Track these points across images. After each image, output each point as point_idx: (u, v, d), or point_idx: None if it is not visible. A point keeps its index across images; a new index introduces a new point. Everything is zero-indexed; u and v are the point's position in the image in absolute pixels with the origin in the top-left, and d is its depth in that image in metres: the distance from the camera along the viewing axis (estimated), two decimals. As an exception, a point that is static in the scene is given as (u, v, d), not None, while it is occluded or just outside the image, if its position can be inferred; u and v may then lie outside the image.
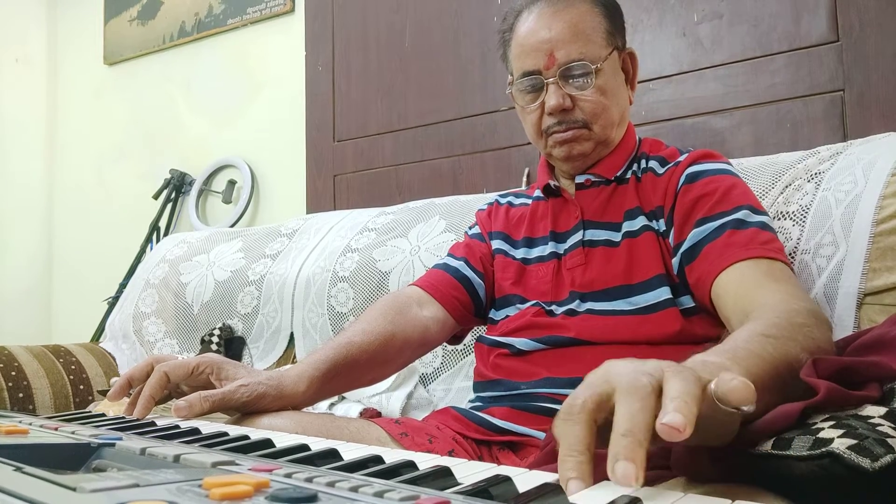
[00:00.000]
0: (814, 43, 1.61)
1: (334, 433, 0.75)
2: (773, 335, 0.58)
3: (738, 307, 0.76)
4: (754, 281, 0.77)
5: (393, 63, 2.24)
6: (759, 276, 0.78)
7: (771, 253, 0.81)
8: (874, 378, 0.51)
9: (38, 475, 0.37)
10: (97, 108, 3.11)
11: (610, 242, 0.95)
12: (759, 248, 0.81)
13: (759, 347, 0.55)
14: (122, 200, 2.98)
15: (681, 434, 0.37)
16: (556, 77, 0.92)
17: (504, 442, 0.89)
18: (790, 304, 0.69)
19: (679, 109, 1.76)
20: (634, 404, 0.40)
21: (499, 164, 2.03)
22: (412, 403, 1.31)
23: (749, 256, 0.80)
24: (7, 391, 1.36)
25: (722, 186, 0.89)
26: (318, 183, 2.38)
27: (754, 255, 0.80)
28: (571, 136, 0.94)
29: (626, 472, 0.37)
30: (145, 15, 2.93)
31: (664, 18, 1.79)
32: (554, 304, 0.96)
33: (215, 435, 0.56)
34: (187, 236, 1.91)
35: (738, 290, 0.78)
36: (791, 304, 0.69)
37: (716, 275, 0.82)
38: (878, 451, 0.40)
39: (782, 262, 0.81)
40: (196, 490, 0.34)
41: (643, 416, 0.39)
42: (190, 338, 1.68)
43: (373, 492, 0.35)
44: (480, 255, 1.08)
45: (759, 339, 0.57)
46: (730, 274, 0.80)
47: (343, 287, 1.51)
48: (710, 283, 0.82)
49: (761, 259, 0.80)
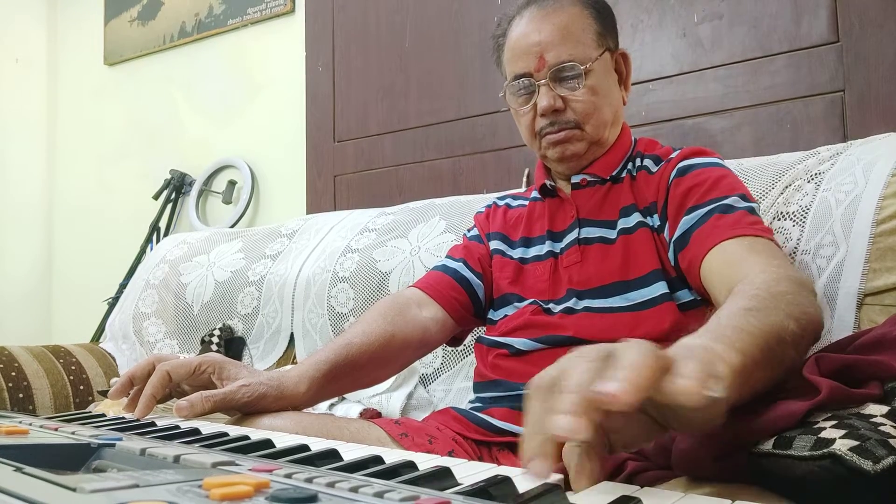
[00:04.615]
0: (814, 43, 1.61)
1: (334, 434, 0.75)
2: (756, 307, 0.58)
3: (724, 285, 0.76)
4: (738, 257, 0.78)
5: (393, 63, 2.24)
6: (741, 251, 0.78)
7: (756, 231, 0.81)
8: (876, 376, 0.51)
9: (38, 475, 0.37)
10: (97, 109, 3.11)
11: (605, 239, 0.96)
12: (746, 227, 0.81)
13: (743, 322, 0.54)
14: (122, 201, 2.98)
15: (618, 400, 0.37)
16: (546, 79, 0.93)
17: (504, 443, 0.89)
18: (769, 273, 0.69)
19: (679, 110, 1.76)
20: (581, 366, 0.41)
21: (499, 165, 2.03)
22: (412, 404, 1.31)
23: (733, 235, 0.81)
24: (7, 391, 1.36)
25: (712, 177, 0.90)
26: (319, 183, 2.38)
27: (739, 233, 0.80)
28: (564, 136, 0.95)
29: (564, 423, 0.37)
30: (145, 15, 2.93)
31: (664, 19, 1.79)
32: (551, 302, 0.96)
33: (215, 435, 0.56)
34: (187, 237, 1.91)
35: (723, 268, 0.79)
36: (770, 273, 0.69)
37: (703, 256, 0.82)
38: (881, 453, 0.40)
39: (766, 238, 0.81)
40: (196, 490, 0.34)
41: (587, 377, 0.40)
42: (190, 338, 1.68)
43: (373, 492, 0.35)
44: (479, 256, 1.08)
45: (742, 313, 0.56)
46: (715, 253, 0.81)
47: (343, 287, 1.51)
48: (698, 265, 0.83)
49: (745, 237, 0.80)
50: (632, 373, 0.38)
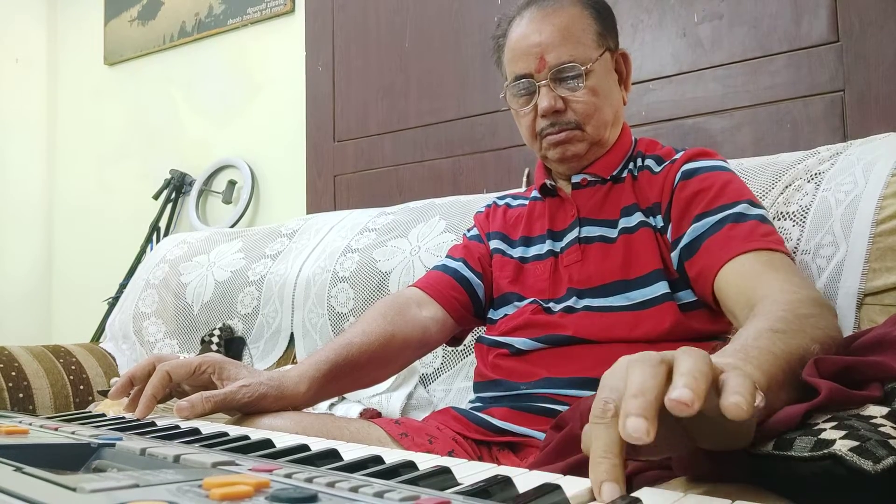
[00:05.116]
0: (814, 43, 1.61)
1: (334, 433, 0.75)
2: (782, 329, 0.58)
3: (742, 300, 0.77)
4: (756, 272, 0.78)
5: (393, 63, 2.24)
6: (760, 267, 0.78)
7: (771, 244, 0.81)
8: (876, 378, 0.51)
9: (38, 475, 0.37)
10: (97, 109, 3.11)
11: (606, 239, 0.96)
12: (760, 240, 0.81)
13: (769, 344, 0.55)
14: (122, 201, 2.98)
15: (689, 408, 0.37)
16: (547, 80, 0.93)
17: (504, 442, 0.89)
18: (793, 294, 0.69)
19: (679, 110, 1.76)
20: (646, 371, 0.40)
21: (499, 165, 2.03)
22: (412, 404, 1.31)
23: (750, 249, 0.80)
24: (7, 391, 1.36)
25: (719, 182, 0.90)
26: (319, 183, 2.38)
27: (755, 247, 0.81)
28: (565, 137, 0.95)
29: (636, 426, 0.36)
30: (145, 15, 2.93)
31: (664, 18, 1.79)
32: (552, 301, 0.96)
33: (215, 435, 0.56)
34: (187, 236, 1.91)
35: (741, 282, 0.79)
36: (794, 294, 0.69)
37: (718, 268, 0.82)
38: (881, 453, 0.40)
39: (782, 253, 0.81)
40: (196, 490, 0.34)
41: (654, 382, 0.39)
42: (190, 338, 1.68)
43: (373, 492, 0.35)
44: (479, 255, 1.08)
45: (769, 335, 0.56)
46: (732, 266, 0.81)
47: (343, 287, 1.51)
48: (712, 276, 0.83)
49: (762, 251, 0.80)
50: (693, 381, 0.38)
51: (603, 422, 0.40)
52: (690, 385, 0.38)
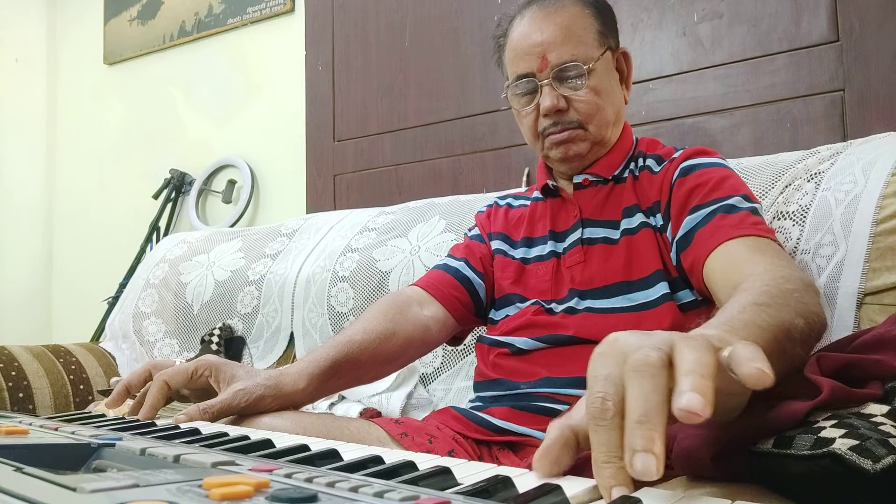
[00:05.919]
0: (814, 43, 1.61)
1: (334, 433, 0.75)
2: (766, 303, 0.58)
3: (727, 282, 0.76)
4: (742, 256, 0.78)
5: (393, 63, 2.24)
6: (746, 251, 0.78)
7: (760, 232, 0.81)
8: (876, 376, 0.51)
9: (38, 475, 0.37)
10: (97, 108, 3.11)
11: (608, 240, 0.96)
12: (749, 227, 0.81)
13: (754, 316, 0.54)
14: (122, 200, 2.98)
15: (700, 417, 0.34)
16: (549, 79, 0.93)
17: (504, 442, 0.89)
18: (777, 271, 0.69)
19: (679, 109, 1.76)
20: (646, 384, 0.37)
21: (499, 164, 2.03)
22: (412, 403, 1.31)
23: (737, 235, 0.80)
24: (7, 391, 1.36)
25: (715, 177, 0.90)
26: (318, 183, 2.38)
27: (742, 233, 0.80)
28: (567, 136, 0.95)
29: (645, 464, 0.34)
30: (145, 15, 2.93)
31: (664, 18, 1.79)
32: (553, 302, 0.96)
33: (215, 435, 0.56)
34: (187, 236, 1.91)
35: (727, 266, 0.79)
36: (778, 271, 0.69)
37: (706, 256, 0.82)
38: (880, 453, 0.40)
39: (769, 238, 0.81)
40: (196, 490, 0.34)
41: (657, 398, 0.37)
42: (190, 338, 1.68)
43: (373, 492, 0.35)
44: (480, 255, 1.08)
45: (753, 308, 0.56)
46: (719, 252, 0.81)
47: (343, 287, 1.51)
48: (701, 265, 0.83)
49: (748, 237, 0.80)
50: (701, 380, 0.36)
51: (603, 424, 0.38)
52: (699, 387, 0.35)
